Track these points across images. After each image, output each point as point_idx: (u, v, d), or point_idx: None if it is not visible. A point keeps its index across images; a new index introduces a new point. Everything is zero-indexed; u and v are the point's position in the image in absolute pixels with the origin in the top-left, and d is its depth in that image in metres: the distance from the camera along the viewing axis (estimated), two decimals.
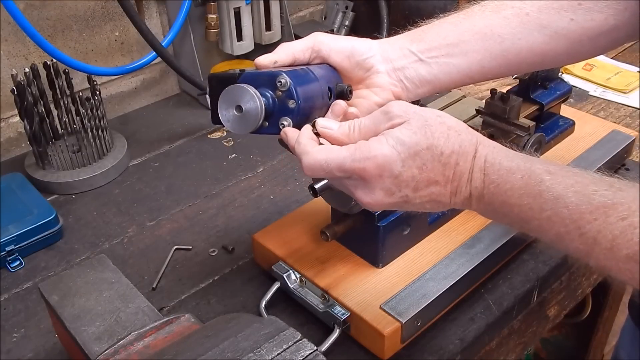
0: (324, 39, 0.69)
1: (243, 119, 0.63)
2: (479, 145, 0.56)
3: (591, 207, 0.49)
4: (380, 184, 0.56)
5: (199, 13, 1.22)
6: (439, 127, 0.56)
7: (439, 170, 0.56)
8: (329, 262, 0.77)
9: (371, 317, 0.70)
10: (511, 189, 0.54)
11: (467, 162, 0.56)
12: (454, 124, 0.57)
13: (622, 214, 0.47)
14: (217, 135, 1.19)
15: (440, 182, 0.56)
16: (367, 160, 0.55)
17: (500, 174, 0.54)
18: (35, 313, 0.81)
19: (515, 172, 0.54)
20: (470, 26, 0.70)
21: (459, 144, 0.56)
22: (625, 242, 0.46)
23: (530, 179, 0.53)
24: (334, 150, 0.58)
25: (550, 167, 0.53)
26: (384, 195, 0.57)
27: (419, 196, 0.57)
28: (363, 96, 0.71)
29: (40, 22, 1.10)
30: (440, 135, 0.56)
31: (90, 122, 1.01)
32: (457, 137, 0.56)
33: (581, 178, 0.51)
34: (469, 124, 0.89)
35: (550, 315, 0.95)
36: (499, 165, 0.55)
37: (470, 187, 0.56)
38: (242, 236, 0.93)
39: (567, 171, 0.52)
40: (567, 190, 0.50)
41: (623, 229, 0.47)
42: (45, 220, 0.91)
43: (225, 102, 0.64)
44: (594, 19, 0.68)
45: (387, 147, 0.56)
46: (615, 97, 1.27)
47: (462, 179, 0.56)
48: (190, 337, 0.58)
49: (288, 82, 0.62)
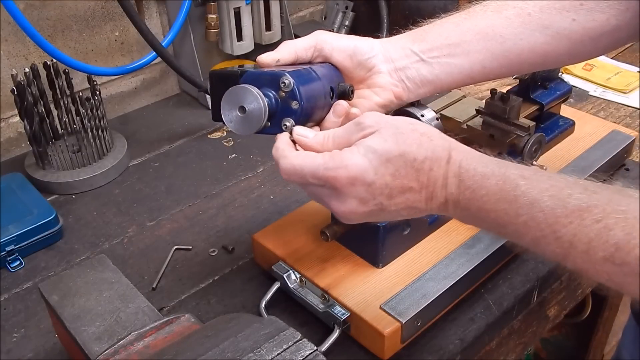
0: (326, 37, 0.69)
1: (246, 120, 0.63)
2: (452, 150, 0.57)
3: (566, 210, 0.49)
4: (353, 192, 0.57)
5: (199, 13, 1.22)
6: (411, 134, 0.57)
7: (412, 177, 0.56)
8: (329, 262, 0.77)
9: (371, 317, 0.70)
10: (487, 194, 0.54)
11: (441, 168, 0.56)
12: (426, 131, 0.58)
13: (597, 217, 0.47)
14: (217, 135, 1.19)
15: (414, 188, 0.57)
16: (339, 169, 0.56)
17: (476, 180, 0.54)
18: (35, 313, 0.81)
19: (490, 178, 0.54)
20: (472, 26, 0.70)
21: (431, 150, 0.56)
22: (601, 245, 0.47)
23: (505, 184, 0.53)
24: (310, 156, 0.58)
25: (525, 172, 0.53)
26: (357, 204, 0.57)
27: (394, 203, 0.57)
28: (364, 96, 0.71)
29: (40, 22, 1.10)
30: (412, 142, 0.56)
31: (90, 122, 1.01)
32: (429, 143, 0.56)
33: (556, 182, 0.51)
34: (469, 124, 0.90)
35: (550, 315, 0.95)
36: (474, 171, 0.55)
37: (446, 192, 0.56)
38: (242, 236, 0.92)
39: (541, 175, 0.53)
40: (542, 194, 0.51)
41: (598, 231, 0.47)
42: (45, 220, 0.91)
43: (228, 103, 0.63)
44: (596, 20, 0.68)
45: (358, 156, 0.56)
46: (615, 97, 1.28)
47: (436, 185, 0.56)
48: (190, 337, 0.58)
49: (291, 82, 0.62)
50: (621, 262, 0.46)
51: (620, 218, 0.46)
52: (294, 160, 0.59)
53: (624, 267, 0.45)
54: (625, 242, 0.45)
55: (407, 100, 0.73)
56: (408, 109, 0.75)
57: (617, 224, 0.46)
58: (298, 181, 0.60)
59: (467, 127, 0.90)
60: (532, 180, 0.52)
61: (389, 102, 0.72)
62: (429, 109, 0.75)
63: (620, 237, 0.46)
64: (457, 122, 0.91)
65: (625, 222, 0.46)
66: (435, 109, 0.84)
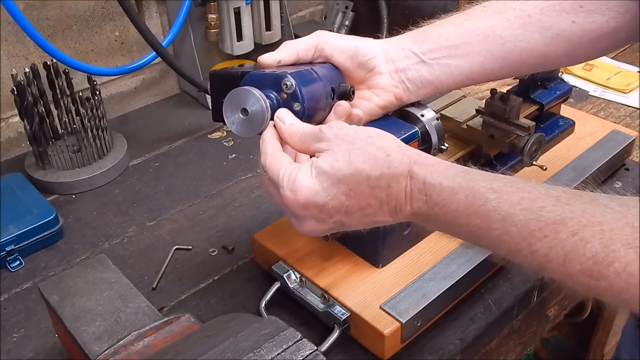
0: (327, 37, 0.69)
1: (249, 122, 0.63)
2: (414, 165, 0.55)
3: (540, 224, 0.48)
4: (308, 214, 0.57)
5: (199, 13, 1.22)
6: (366, 150, 0.56)
7: (368, 194, 0.56)
8: (329, 262, 0.77)
9: (371, 317, 0.70)
10: (457, 209, 0.53)
11: (401, 184, 0.55)
12: (384, 145, 0.56)
13: (573, 230, 0.46)
14: (217, 135, 1.19)
15: (373, 205, 0.56)
16: (289, 192, 0.56)
17: (443, 196, 0.54)
18: (35, 313, 0.81)
19: (458, 192, 0.53)
20: (472, 27, 0.70)
21: (387, 166, 0.55)
22: (578, 258, 0.46)
23: (474, 199, 0.52)
24: (278, 163, 0.59)
25: (494, 184, 0.52)
26: (315, 224, 0.58)
27: (354, 219, 0.57)
28: (365, 97, 0.71)
29: (40, 22, 1.10)
30: (365, 159, 0.55)
31: (90, 122, 1.01)
32: (385, 159, 0.55)
33: (527, 194, 0.50)
34: (469, 124, 0.90)
35: (550, 315, 0.95)
36: (440, 187, 0.54)
37: (412, 208, 0.56)
38: (242, 236, 0.93)
39: (511, 186, 0.51)
40: (514, 207, 0.50)
41: (574, 244, 0.46)
42: (45, 220, 0.91)
43: (230, 105, 0.63)
44: (595, 21, 0.68)
45: (309, 179, 0.56)
46: (615, 97, 1.28)
47: (398, 200, 0.56)
48: (190, 337, 0.58)
49: (294, 84, 0.62)
50: (599, 276, 0.45)
51: (597, 230, 0.45)
52: (268, 160, 0.59)
53: (602, 280, 0.45)
54: (603, 255, 0.44)
55: (408, 101, 0.73)
56: (408, 109, 0.75)
57: (593, 236, 0.45)
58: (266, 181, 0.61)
59: (467, 127, 0.90)
60: (502, 193, 0.51)
61: (389, 103, 0.72)
62: (429, 109, 0.75)
63: (598, 250, 0.45)
64: (457, 122, 0.91)
65: (602, 234, 0.45)
66: (435, 109, 0.84)
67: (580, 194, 0.49)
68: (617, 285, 0.44)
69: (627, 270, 0.43)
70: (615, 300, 0.45)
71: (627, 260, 0.43)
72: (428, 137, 0.74)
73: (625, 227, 0.44)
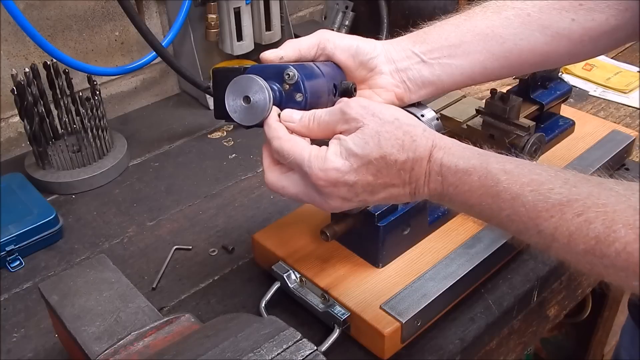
0: (329, 36, 0.69)
1: (250, 110, 0.63)
2: (434, 149, 0.57)
3: (547, 205, 0.50)
4: (335, 192, 0.59)
5: (199, 13, 1.22)
6: (394, 134, 0.57)
7: (394, 175, 0.58)
8: (329, 262, 0.77)
9: (371, 317, 0.70)
10: (469, 190, 0.55)
11: (422, 167, 0.58)
12: (410, 129, 0.58)
13: (578, 211, 0.48)
14: (217, 135, 1.19)
15: (397, 185, 0.59)
16: (320, 172, 0.58)
17: (458, 177, 0.56)
18: (35, 313, 0.81)
19: (472, 174, 0.55)
20: (472, 27, 0.70)
21: (413, 151, 0.57)
22: (582, 238, 0.48)
23: (487, 180, 0.54)
24: (299, 145, 0.60)
25: (506, 166, 0.54)
26: (341, 201, 0.60)
27: (377, 198, 0.60)
28: (366, 96, 0.71)
29: (40, 22, 1.10)
30: (394, 144, 0.57)
31: (90, 122, 1.01)
32: (411, 144, 0.57)
33: (537, 176, 0.52)
34: (469, 123, 0.90)
35: (550, 315, 0.95)
36: (455, 168, 0.56)
37: (429, 188, 0.58)
38: (242, 236, 0.93)
39: (522, 168, 0.54)
40: (524, 189, 0.52)
41: (579, 225, 0.48)
42: (45, 220, 0.91)
43: (233, 93, 0.63)
44: (595, 20, 0.68)
45: (340, 160, 0.58)
46: (615, 97, 1.27)
47: (419, 182, 0.58)
48: (190, 337, 0.58)
49: (296, 75, 0.62)
50: (601, 255, 0.47)
51: (600, 212, 0.47)
52: (285, 145, 0.60)
53: (604, 259, 0.47)
54: (605, 236, 0.46)
55: (409, 101, 0.73)
56: (408, 109, 0.75)
57: (597, 217, 0.47)
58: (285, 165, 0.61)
59: (467, 127, 0.90)
60: (513, 175, 0.53)
61: (390, 103, 0.72)
62: (429, 109, 0.75)
63: (600, 231, 0.47)
64: (457, 122, 0.91)
65: (605, 215, 0.47)
66: (436, 109, 0.84)
67: (588, 178, 0.51)
68: (618, 264, 0.46)
69: (627, 250, 0.45)
70: (617, 279, 0.47)
71: (627, 240, 0.45)
72: None
73: (627, 209, 0.46)
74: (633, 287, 0.46)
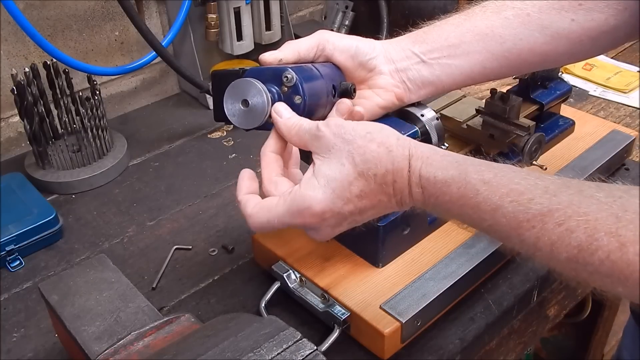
0: (329, 37, 0.69)
1: (249, 114, 0.63)
2: (412, 158, 0.57)
3: (528, 215, 0.50)
4: (325, 223, 0.58)
5: (199, 13, 1.22)
6: (369, 147, 0.57)
7: (378, 191, 0.57)
8: (329, 262, 0.77)
9: (371, 316, 0.70)
10: (450, 200, 0.55)
11: (404, 178, 0.57)
12: (384, 140, 0.57)
13: (559, 220, 0.48)
14: (217, 135, 1.19)
15: (383, 200, 0.58)
16: (305, 211, 0.57)
17: (437, 187, 0.55)
18: (35, 313, 0.81)
19: (450, 185, 0.54)
20: (472, 27, 0.70)
21: (391, 162, 0.56)
22: (564, 247, 0.48)
23: (466, 190, 0.54)
24: (272, 209, 0.59)
25: (485, 175, 0.53)
26: (332, 229, 0.60)
27: (367, 215, 0.60)
28: (366, 97, 0.71)
29: (40, 22, 1.10)
30: (370, 158, 0.56)
31: (90, 122, 1.01)
32: (388, 155, 0.57)
33: (516, 185, 0.52)
34: (469, 123, 0.90)
35: (550, 315, 0.95)
36: (434, 179, 0.55)
37: (412, 198, 0.58)
38: (242, 236, 0.92)
39: (502, 178, 0.53)
40: (503, 200, 0.51)
41: (560, 234, 0.48)
42: (45, 220, 0.91)
43: (231, 97, 0.63)
44: (595, 19, 0.68)
45: (319, 191, 0.57)
46: (615, 96, 1.28)
47: (403, 193, 0.58)
48: (190, 337, 0.58)
49: (294, 77, 0.62)
50: (585, 263, 0.47)
51: (582, 220, 0.47)
52: (260, 219, 0.60)
53: (588, 266, 0.47)
54: (587, 244, 0.46)
55: (409, 101, 0.73)
56: (408, 109, 0.75)
57: (578, 226, 0.47)
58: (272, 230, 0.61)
59: (467, 127, 0.90)
60: (492, 185, 0.52)
61: (390, 103, 0.72)
62: (429, 109, 0.75)
63: (582, 240, 0.47)
64: (457, 122, 0.91)
65: (587, 224, 0.47)
66: (435, 109, 0.84)
67: (568, 185, 0.50)
68: (602, 271, 0.46)
69: (610, 258, 0.45)
70: (602, 285, 0.47)
71: (610, 248, 0.45)
72: (428, 137, 0.74)
73: (609, 217, 0.46)
74: (619, 293, 0.46)
